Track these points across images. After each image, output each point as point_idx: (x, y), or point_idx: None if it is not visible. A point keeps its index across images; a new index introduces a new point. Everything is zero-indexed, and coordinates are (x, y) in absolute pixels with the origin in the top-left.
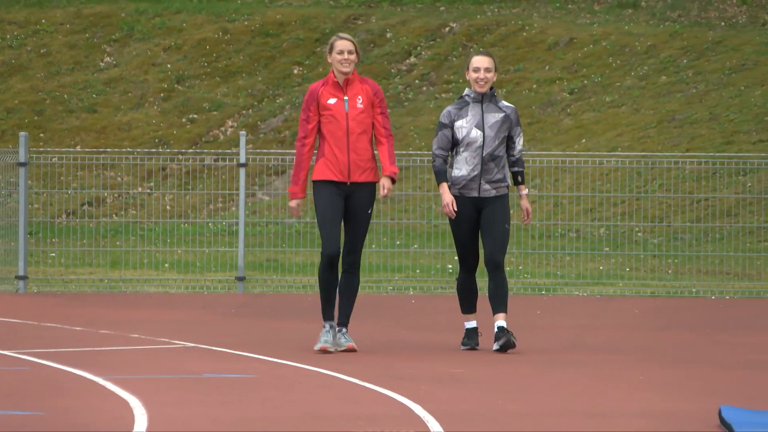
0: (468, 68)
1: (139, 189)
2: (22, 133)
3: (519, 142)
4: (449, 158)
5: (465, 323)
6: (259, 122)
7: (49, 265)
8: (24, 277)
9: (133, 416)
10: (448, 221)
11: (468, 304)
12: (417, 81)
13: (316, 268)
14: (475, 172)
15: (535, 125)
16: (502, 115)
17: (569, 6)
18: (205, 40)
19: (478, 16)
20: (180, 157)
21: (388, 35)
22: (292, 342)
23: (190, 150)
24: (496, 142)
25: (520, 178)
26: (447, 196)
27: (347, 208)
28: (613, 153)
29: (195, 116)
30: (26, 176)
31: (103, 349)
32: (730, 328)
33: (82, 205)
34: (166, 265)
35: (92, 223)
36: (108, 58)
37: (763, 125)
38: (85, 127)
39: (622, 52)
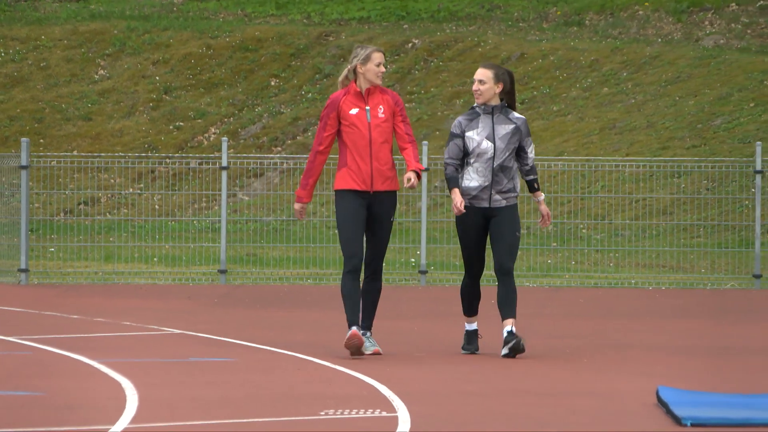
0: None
1: (130, 190)
2: (23, 139)
3: (531, 152)
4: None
5: (466, 325)
6: (239, 129)
7: (48, 259)
8: (25, 270)
9: (125, 396)
10: (453, 222)
11: (470, 307)
12: None
13: (292, 261)
14: (486, 183)
15: None
16: (512, 126)
17: (520, 24)
18: (190, 54)
19: (438, 33)
20: (167, 160)
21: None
22: (270, 329)
23: (177, 154)
24: (507, 154)
25: (536, 185)
26: (457, 198)
27: (370, 217)
28: (559, 157)
29: (181, 124)
30: (27, 178)
31: (97, 335)
32: (666, 316)
33: (79, 204)
34: (155, 259)
35: (87, 221)
36: (102, 71)
37: (695, 132)
38: (81, 134)
39: (568, 65)
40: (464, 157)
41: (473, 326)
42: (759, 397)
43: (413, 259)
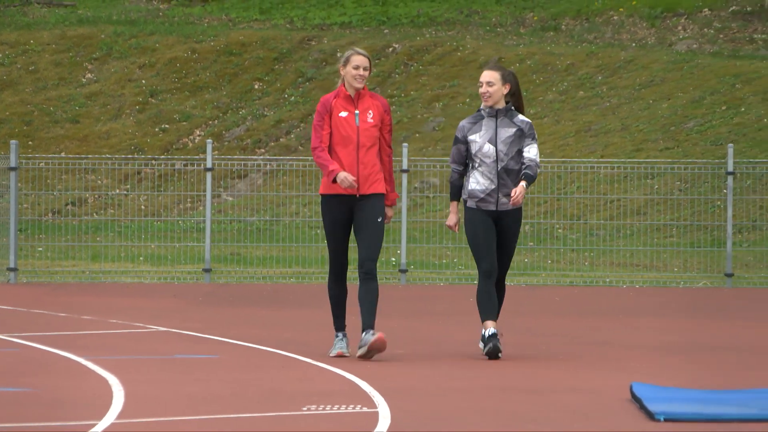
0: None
1: (117, 190)
2: (12, 141)
3: (530, 151)
4: (465, 171)
5: (485, 330)
6: (223, 131)
7: (36, 258)
8: (14, 269)
9: (112, 392)
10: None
11: (488, 311)
12: None
13: (275, 260)
14: (492, 186)
15: None
16: (515, 129)
17: (498, 29)
18: (175, 58)
19: (418, 38)
20: (153, 162)
21: (338, 54)
22: (254, 326)
23: (162, 156)
24: (510, 157)
25: (523, 176)
26: (453, 217)
27: (359, 220)
28: None
29: (167, 126)
30: (16, 179)
31: (85, 333)
32: (640, 314)
33: (66, 204)
34: (141, 258)
35: (75, 221)
36: (89, 75)
37: (668, 134)
38: (69, 136)
39: (545, 69)
40: (469, 160)
41: (492, 330)
42: (730, 392)
43: (393, 258)
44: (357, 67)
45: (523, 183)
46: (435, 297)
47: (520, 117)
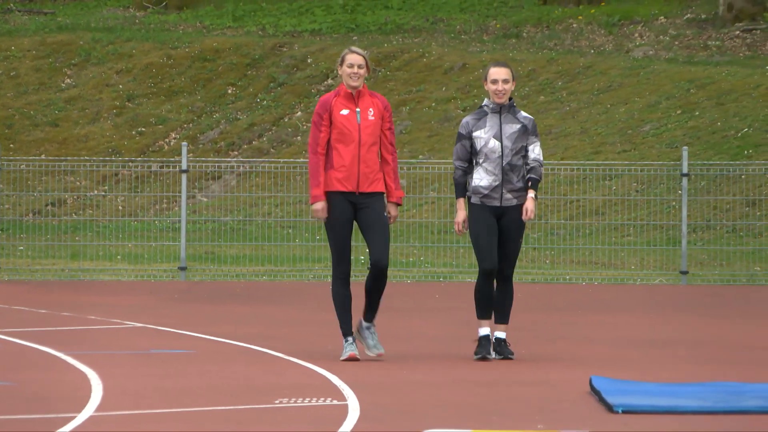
0: (486, 79)
1: (95, 192)
2: None
3: (534, 150)
4: (470, 168)
5: (479, 330)
6: (198, 134)
7: (17, 257)
8: None
9: (91, 386)
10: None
11: (484, 310)
12: None
13: (248, 259)
14: (497, 182)
15: (434, 137)
16: (519, 125)
17: (462, 36)
18: (151, 64)
19: (386, 45)
20: (130, 164)
21: (309, 60)
22: (228, 322)
23: (139, 158)
24: (515, 152)
25: (530, 183)
26: (461, 214)
27: (365, 220)
28: None
29: (143, 129)
30: None
31: (64, 328)
32: (599, 310)
33: (46, 205)
34: (119, 256)
35: (55, 221)
36: (68, 80)
37: (626, 137)
38: (49, 139)
39: None
40: (473, 157)
41: (486, 331)
42: (686, 386)
43: (363, 257)
44: (351, 66)
45: (531, 195)
46: (402, 294)
47: (523, 113)
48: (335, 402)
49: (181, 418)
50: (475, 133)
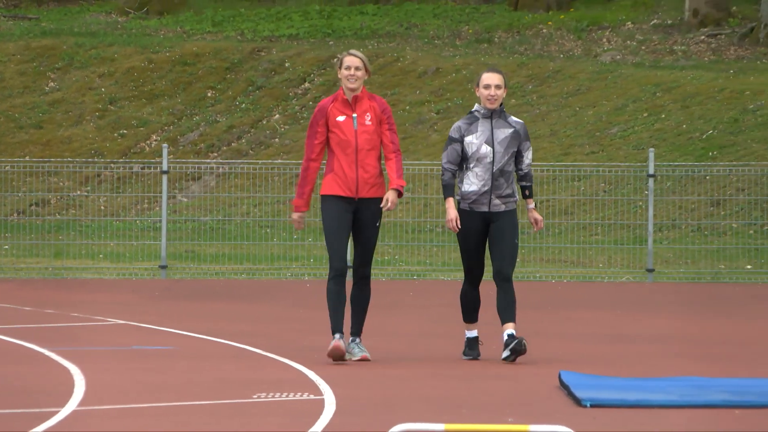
0: (478, 85)
1: (78, 192)
2: None
3: (527, 156)
4: (458, 173)
5: (466, 332)
6: (178, 136)
7: (2, 256)
8: None
9: (74, 381)
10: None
11: (470, 314)
12: (310, 102)
13: (227, 258)
14: (486, 188)
15: (408, 139)
16: (511, 130)
17: (435, 41)
18: (133, 68)
19: (361, 50)
20: (112, 165)
21: (287, 65)
22: (207, 319)
23: (121, 160)
24: (506, 158)
25: (528, 192)
26: (452, 212)
27: (356, 222)
28: None
29: (125, 131)
30: None
31: (48, 325)
32: (568, 307)
33: (31, 205)
34: (101, 255)
35: (39, 221)
36: (52, 83)
37: (594, 139)
38: (33, 141)
39: None
40: (463, 162)
41: (473, 333)
42: (652, 380)
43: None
44: (348, 68)
45: (532, 206)
46: (377, 291)
47: (513, 118)
48: (312, 396)
49: (162, 413)
50: (467, 138)
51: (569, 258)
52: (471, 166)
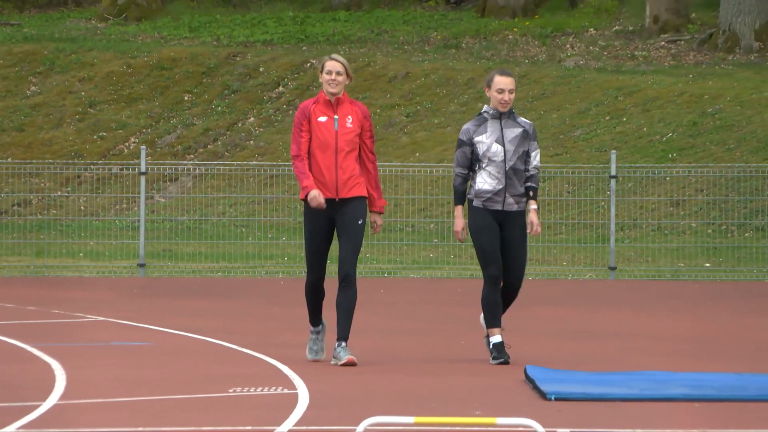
0: (490, 87)
1: (59, 193)
2: None
3: (535, 157)
4: (471, 174)
5: (491, 338)
6: (156, 139)
7: None
8: None
9: (55, 376)
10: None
11: (493, 318)
12: (284, 106)
13: (204, 256)
14: (500, 186)
15: (379, 142)
16: (520, 130)
17: (405, 47)
18: (112, 72)
19: (333, 54)
20: (92, 167)
21: (261, 69)
22: (184, 316)
23: (100, 161)
24: (517, 156)
25: (531, 193)
26: (459, 222)
27: (339, 223)
28: (440, 164)
29: (104, 134)
30: None
31: (30, 322)
32: (533, 304)
33: (13, 205)
34: (81, 254)
35: (21, 221)
36: (33, 87)
37: (558, 142)
38: (15, 143)
39: (447, 83)
40: (474, 163)
41: (498, 338)
42: (614, 374)
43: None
44: (330, 72)
45: (534, 207)
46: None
47: (522, 118)
48: (286, 390)
49: (140, 407)
50: (477, 139)
51: (534, 256)
52: (484, 165)
